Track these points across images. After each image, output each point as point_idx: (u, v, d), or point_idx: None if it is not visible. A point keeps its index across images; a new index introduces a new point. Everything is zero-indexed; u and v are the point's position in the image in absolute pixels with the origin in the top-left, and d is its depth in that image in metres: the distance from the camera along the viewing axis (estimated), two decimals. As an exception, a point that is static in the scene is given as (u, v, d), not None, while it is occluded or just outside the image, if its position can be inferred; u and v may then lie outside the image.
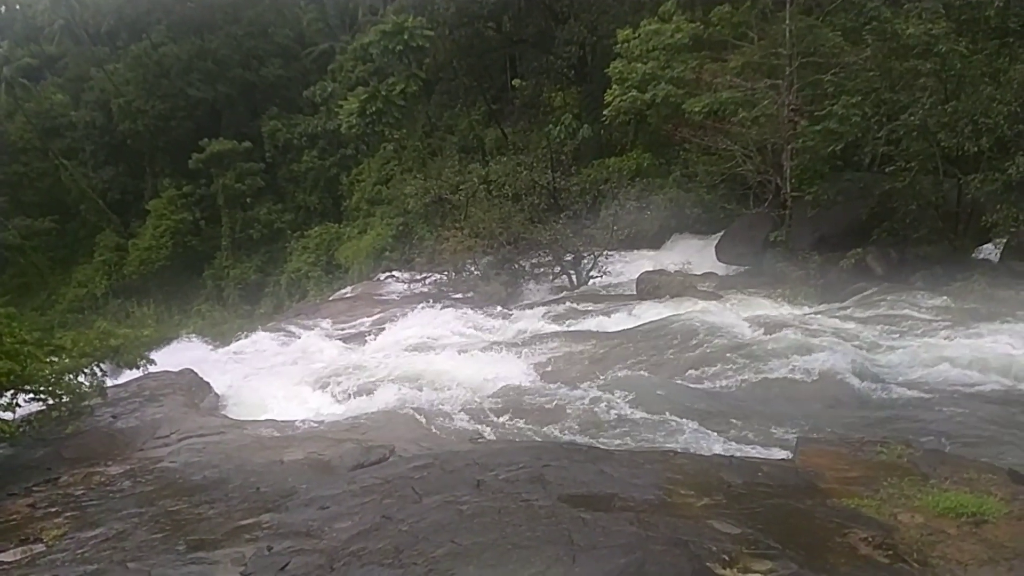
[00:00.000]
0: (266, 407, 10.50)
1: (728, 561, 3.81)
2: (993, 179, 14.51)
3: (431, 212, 29.09)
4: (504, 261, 21.34)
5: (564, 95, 33.26)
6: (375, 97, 33.60)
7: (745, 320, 12.95)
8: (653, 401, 8.96)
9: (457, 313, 17.22)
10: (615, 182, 24.60)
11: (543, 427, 8.53)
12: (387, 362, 12.83)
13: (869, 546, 4.14)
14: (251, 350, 16.54)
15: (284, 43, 48.45)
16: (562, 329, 14.97)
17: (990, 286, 13.84)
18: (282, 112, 45.46)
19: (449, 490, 5.00)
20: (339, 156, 42.60)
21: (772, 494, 4.99)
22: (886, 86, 16.38)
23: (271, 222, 42.86)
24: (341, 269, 35.60)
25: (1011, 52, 15.65)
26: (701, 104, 21.62)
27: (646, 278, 18.32)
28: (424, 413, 9.09)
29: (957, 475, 5.27)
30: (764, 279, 18.08)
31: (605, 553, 3.88)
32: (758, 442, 7.49)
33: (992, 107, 14.64)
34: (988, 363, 9.65)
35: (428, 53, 34.65)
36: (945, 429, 7.49)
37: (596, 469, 5.43)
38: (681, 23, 25.16)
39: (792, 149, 18.15)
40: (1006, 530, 4.40)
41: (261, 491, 5.95)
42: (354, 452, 6.90)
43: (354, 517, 4.76)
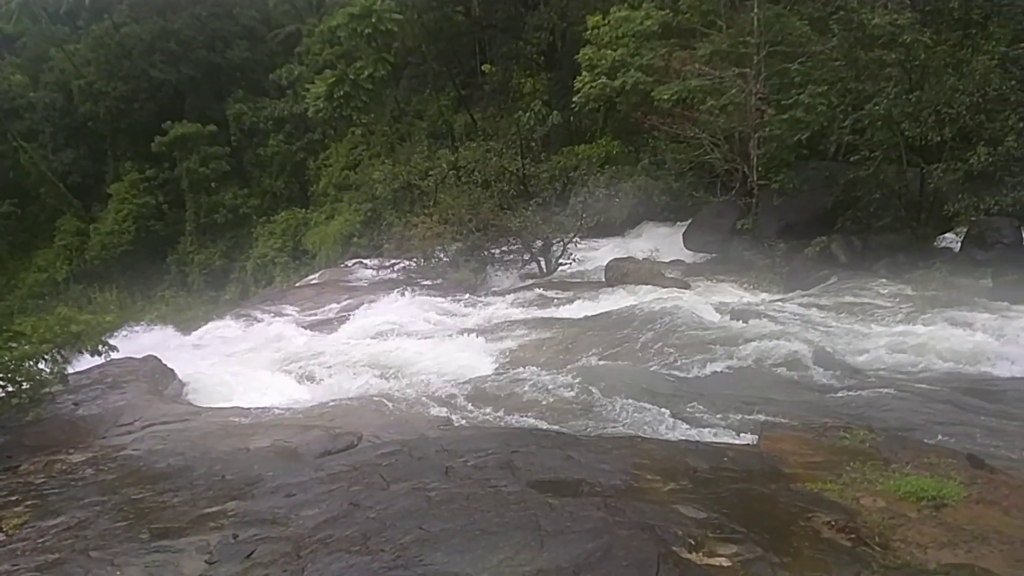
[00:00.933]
0: (232, 394, 10.38)
1: (694, 545, 3.86)
2: (955, 169, 14.79)
3: (400, 198, 28.87)
4: (473, 248, 21.26)
5: (534, 81, 33.17)
6: (343, 81, 33.20)
7: (712, 307, 13.08)
8: (621, 387, 9.02)
9: (426, 300, 17.15)
10: (584, 169, 24.63)
11: (512, 413, 8.54)
12: (355, 349, 12.76)
13: (832, 530, 4.21)
14: (216, 336, 16.34)
15: (250, 24, 47.62)
16: (531, 316, 14.99)
17: (951, 274, 14.14)
18: (248, 95, 44.70)
19: (417, 476, 4.99)
20: (306, 140, 42.07)
21: (737, 479, 5.06)
22: (852, 76, 16.59)
23: (236, 207, 42.22)
24: (308, 255, 35.25)
25: (973, 43, 15.94)
26: (670, 92, 21.70)
27: (615, 265, 18.41)
28: (392, 400, 9.05)
29: (918, 460, 5.37)
30: (731, 266, 18.27)
31: (573, 538, 3.91)
32: (724, 427, 7.58)
33: (955, 97, 14.91)
34: (948, 350, 9.87)
35: (397, 37, 34.27)
36: (906, 414, 7.64)
37: (564, 455, 5.45)
38: (650, 10, 25.19)
39: (759, 138, 18.32)
40: (965, 513, 4.50)
41: (226, 479, 5.89)
42: (321, 439, 6.86)
43: (321, 504, 4.74)
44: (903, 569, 3.81)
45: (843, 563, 3.81)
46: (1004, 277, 13.68)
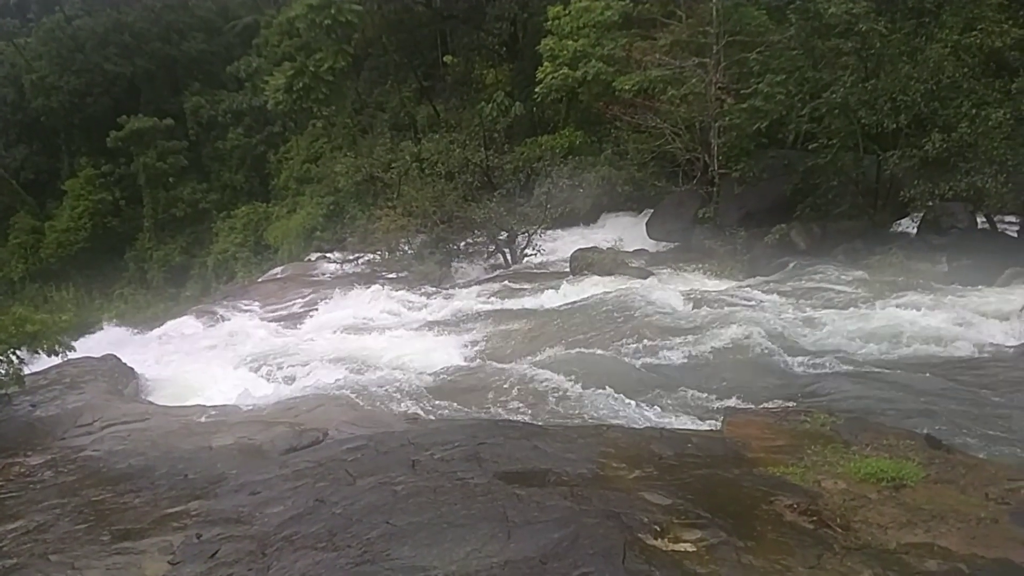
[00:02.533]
0: (194, 392, 10.25)
1: (659, 532, 3.89)
2: (911, 155, 15.06)
3: (362, 191, 28.68)
4: (438, 240, 21.20)
5: (496, 72, 33.08)
6: (302, 73, 32.77)
7: (675, 295, 13.20)
8: (587, 376, 9.06)
9: (391, 293, 17.07)
10: (548, 160, 24.65)
11: (479, 405, 8.56)
12: (320, 344, 12.67)
13: (794, 512, 4.27)
14: (177, 334, 16.12)
15: (206, 16, 46.84)
16: (497, 307, 15.00)
17: (908, 259, 14.43)
18: (205, 88, 44.00)
19: (384, 471, 4.97)
20: (266, 133, 41.55)
21: (701, 464, 5.12)
22: (809, 65, 16.80)
23: (196, 202, 41.61)
24: (270, 250, 34.88)
25: (927, 32, 16.20)
26: (631, 82, 21.79)
27: (579, 255, 18.48)
28: (358, 394, 9.00)
29: (877, 442, 5.47)
30: (693, 255, 18.45)
31: (539, 528, 3.92)
32: (688, 414, 7.66)
33: (910, 85, 15.16)
34: (905, 333, 10.07)
35: (357, 28, 33.88)
36: (866, 398, 7.78)
37: (531, 445, 5.46)
38: (611, 0, 25.24)
39: (719, 127, 18.48)
40: (923, 493, 4.59)
41: (189, 478, 5.81)
42: (286, 435, 6.80)
43: (286, 501, 4.70)
44: (864, 550, 3.87)
45: (805, 545, 3.86)
46: (959, 261, 14.00)
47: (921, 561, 3.76)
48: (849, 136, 16.46)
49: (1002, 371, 8.78)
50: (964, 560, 3.75)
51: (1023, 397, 7.83)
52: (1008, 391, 8.06)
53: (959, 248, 14.41)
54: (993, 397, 7.85)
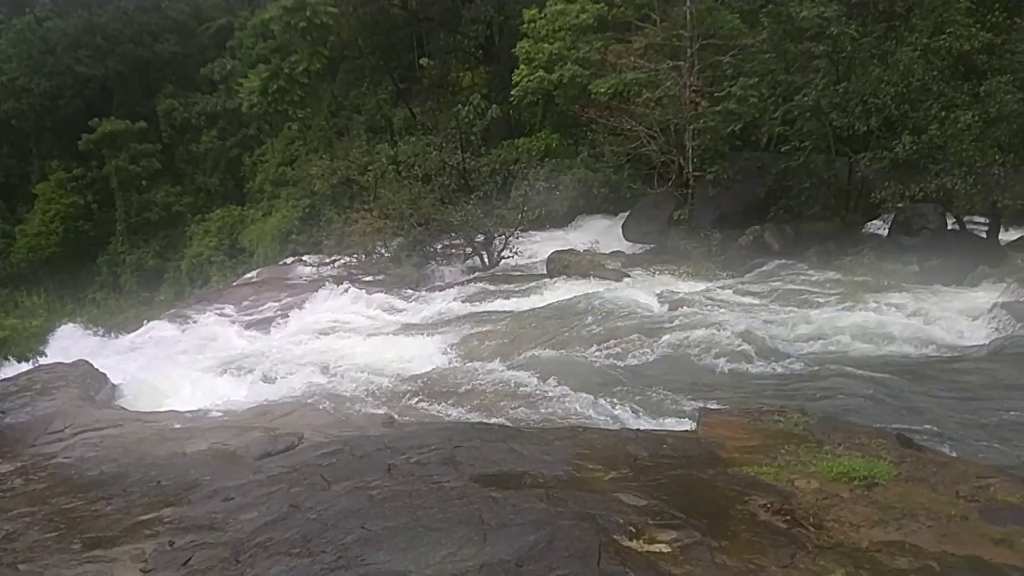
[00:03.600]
0: (168, 398, 10.13)
1: (634, 533, 3.91)
2: (881, 157, 15.27)
3: (339, 193, 28.53)
4: (415, 243, 21.14)
5: (472, 75, 33.07)
6: (277, 75, 32.57)
7: (651, 296, 13.29)
8: (564, 378, 9.09)
9: (367, 296, 16.99)
10: (525, 163, 24.68)
11: (456, 408, 8.55)
12: (295, 348, 12.59)
13: (768, 512, 4.30)
14: (151, 339, 15.92)
15: (179, 18, 46.39)
16: (474, 310, 15.00)
17: (878, 259, 14.64)
18: (178, 90, 43.54)
19: (359, 475, 4.94)
20: (241, 136, 41.20)
21: (676, 465, 5.14)
22: (781, 68, 16.99)
23: (169, 205, 41.15)
24: (245, 253, 34.57)
25: (897, 35, 16.44)
26: (606, 85, 21.90)
27: (556, 258, 18.54)
28: (335, 398, 8.97)
29: (849, 441, 5.52)
30: (669, 256, 18.58)
31: (515, 531, 3.92)
32: (664, 414, 7.71)
33: (880, 88, 15.38)
34: (876, 332, 10.22)
35: (332, 31, 33.73)
36: (838, 397, 7.88)
37: (507, 448, 5.47)
38: (586, 4, 25.36)
39: (694, 129, 18.63)
40: (895, 492, 4.63)
41: (162, 484, 5.74)
42: (261, 441, 6.74)
43: (260, 507, 4.66)
44: (836, 548, 3.90)
45: (779, 545, 3.89)
46: (929, 261, 14.22)
47: (893, 559, 3.79)
48: (821, 138, 16.67)
49: (972, 370, 8.93)
50: (935, 558, 3.79)
51: (992, 395, 7.97)
52: (978, 390, 8.20)
53: (929, 248, 14.64)
54: (963, 396, 7.98)
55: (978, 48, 15.51)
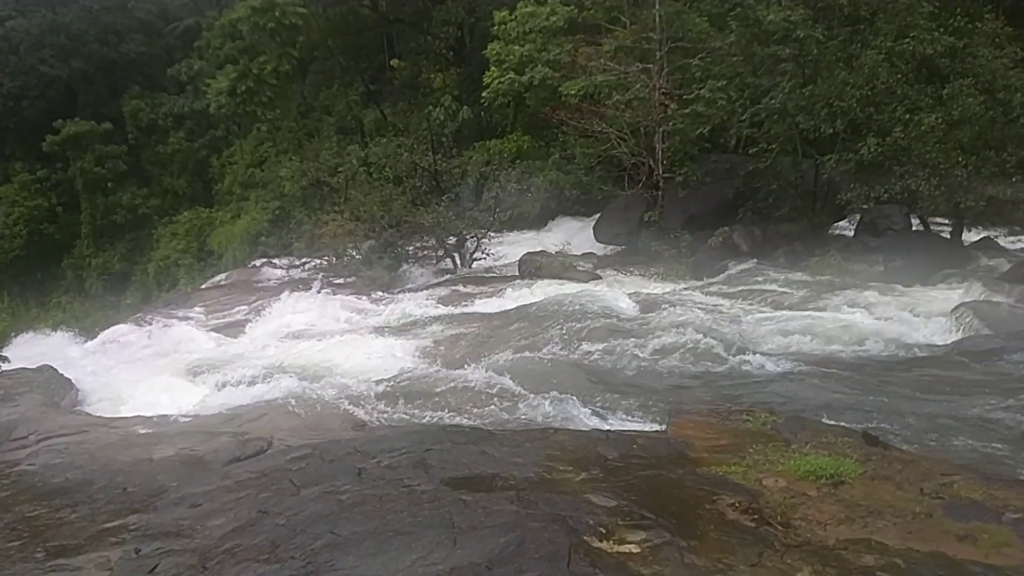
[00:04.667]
0: (134, 403, 9.97)
1: (604, 534, 3.92)
2: (847, 159, 15.48)
3: (309, 195, 28.36)
4: (386, 245, 21.04)
5: (444, 76, 33.03)
6: (246, 76, 32.30)
7: (621, 297, 13.36)
8: (536, 380, 9.10)
9: (338, 299, 16.86)
10: (496, 164, 24.71)
11: (427, 411, 8.51)
12: (265, 351, 12.46)
13: (736, 511, 4.33)
14: (117, 343, 15.64)
15: (145, 18, 45.87)
16: (446, 312, 14.95)
17: (845, 260, 14.84)
18: (145, 91, 43.09)
19: (329, 480, 4.91)
20: (209, 137, 40.83)
21: (646, 465, 5.17)
22: (749, 70, 17.17)
23: (136, 207, 40.67)
24: (214, 256, 34.25)
25: (862, 39, 16.68)
26: (577, 87, 22.00)
27: (528, 259, 18.56)
28: (305, 402, 8.87)
29: (816, 439, 5.58)
30: (639, 258, 18.70)
31: (486, 533, 3.92)
32: (634, 415, 7.75)
33: (846, 91, 15.59)
34: (842, 332, 10.36)
35: (301, 31, 33.52)
36: (806, 396, 7.97)
37: (478, 450, 5.46)
38: (556, 6, 25.44)
39: (663, 132, 18.77)
40: (861, 489, 4.68)
41: (128, 491, 5.66)
42: (229, 446, 6.66)
43: (228, 513, 4.61)
44: (803, 547, 3.94)
45: (747, 544, 3.92)
46: (894, 261, 14.45)
47: (859, 557, 3.83)
48: (788, 141, 16.86)
49: (936, 368, 9.08)
50: (900, 555, 3.83)
51: (956, 394, 8.10)
52: (942, 388, 8.33)
53: (894, 249, 14.88)
54: (927, 394, 8.11)
55: (941, 52, 15.78)
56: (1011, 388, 8.12)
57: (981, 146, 15.15)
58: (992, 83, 15.44)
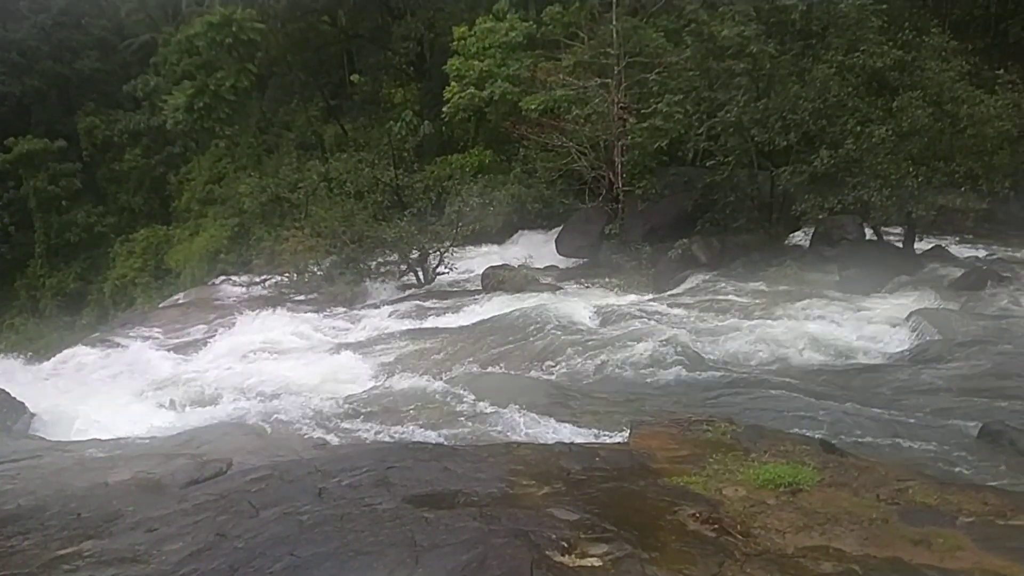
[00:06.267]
0: (90, 426, 9.75)
1: (567, 548, 3.92)
2: (801, 171, 15.76)
3: (269, 212, 28.10)
4: (348, 260, 20.93)
5: (404, 91, 33.05)
6: (203, 92, 31.97)
7: (583, 310, 13.43)
8: (499, 394, 9.08)
9: (300, 316, 16.74)
10: (458, 179, 24.77)
11: (390, 428, 8.45)
12: (225, 371, 12.29)
13: (697, 521, 4.35)
14: (72, 365, 15.34)
15: (100, 34, 45.17)
16: (409, 327, 14.91)
17: (801, 270, 15.09)
18: (100, 107, 42.37)
19: (288, 501, 4.84)
20: (166, 154, 40.25)
21: (608, 478, 5.18)
22: (705, 85, 17.45)
23: (91, 226, 39.90)
24: (172, 274, 33.73)
25: (814, 53, 17.04)
26: (537, 102, 22.17)
27: (491, 273, 18.60)
28: (265, 422, 8.76)
29: (775, 448, 5.63)
30: (601, 270, 18.83)
31: (448, 551, 3.90)
32: (597, 427, 7.76)
33: (798, 104, 15.90)
34: (799, 340, 10.53)
35: (260, 47, 33.32)
36: (764, 405, 8.06)
37: (441, 467, 5.43)
38: (515, 22, 25.65)
39: (622, 145, 19.00)
40: (819, 497, 4.73)
41: (82, 517, 5.52)
42: (187, 468, 6.54)
43: (185, 538, 4.52)
44: (763, 555, 3.96)
45: (707, 554, 3.94)
46: (849, 271, 14.72)
47: (817, 564, 3.86)
48: (744, 153, 17.14)
49: (890, 375, 9.26)
50: (858, 561, 3.87)
51: (910, 400, 8.27)
52: (897, 395, 8.50)
53: (849, 258, 15.16)
54: (883, 400, 8.26)
55: (890, 65, 16.17)
56: (963, 393, 8.33)
57: (930, 157, 15.53)
58: (940, 95, 15.84)
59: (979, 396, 8.18)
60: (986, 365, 9.12)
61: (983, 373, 8.91)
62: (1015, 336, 10.00)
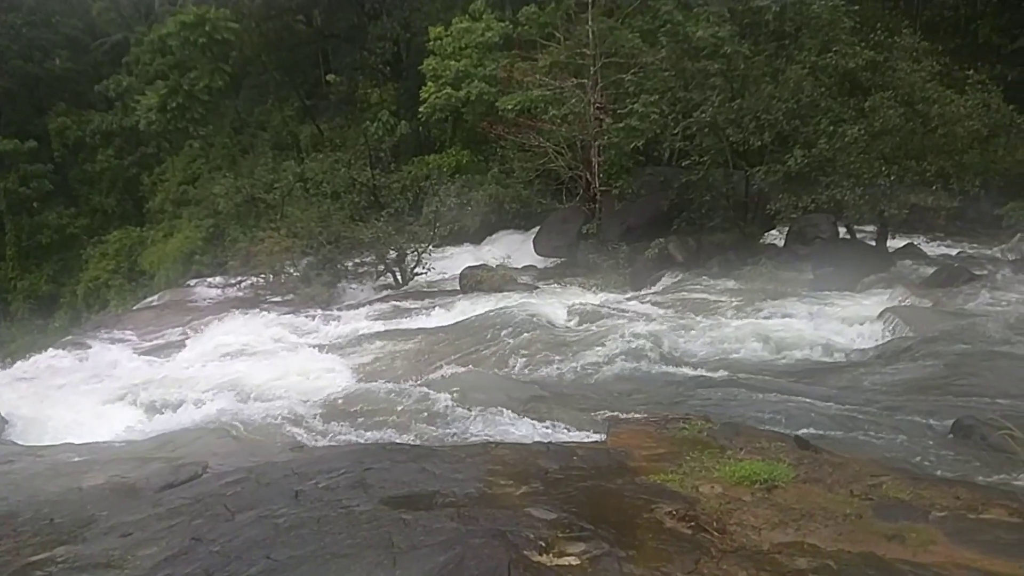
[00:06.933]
0: (63, 430, 9.61)
1: (544, 547, 3.92)
2: (775, 171, 15.90)
3: (244, 212, 27.88)
4: (325, 261, 20.82)
5: (381, 91, 32.95)
6: (176, 92, 31.71)
7: (561, 310, 13.46)
8: (477, 394, 9.08)
9: (276, 317, 16.62)
10: (435, 179, 24.70)
11: (367, 429, 8.41)
12: (200, 373, 12.18)
13: (674, 519, 4.37)
14: (45, 368, 15.08)
15: (72, 34, 44.53)
16: (386, 328, 14.85)
17: (776, 268, 15.23)
18: (72, 108, 41.80)
19: (265, 504, 4.81)
20: (139, 155, 39.82)
21: (586, 476, 5.19)
22: (680, 85, 17.56)
23: (63, 227, 39.38)
24: (146, 276, 33.38)
25: (787, 53, 17.21)
26: (513, 102, 22.20)
27: (469, 273, 18.59)
28: (241, 424, 8.68)
29: (751, 445, 5.67)
30: (578, 270, 18.89)
31: (425, 552, 3.89)
32: (575, 426, 7.77)
33: (772, 104, 16.04)
34: (775, 339, 10.61)
35: (234, 46, 33.08)
36: (740, 402, 8.12)
37: (418, 468, 5.41)
38: (491, 22, 25.67)
39: (599, 146, 19.07)
40: (793, 493, 4.77)
41: (55, 522, 5.44)
42: (162, 472, 6.47)
43: (160, 542, 4.47)
44: (739, 552, 3.98)
45: (684, 551, 3.96)
46: (823, 269, 14.87)
47: (792, 560, 3.89)
48: (719, 153, 17.26)
49: (863, 372, 9.35)
50: (832, 556, 3.90)
51: (884, 396, 8.35)
52: (870, 391, 8.59)
53: (823, 257, 15.31)
54: (857, 397, 8.34)
55: (862, 66, 16.35)
56: (936, 389, 8.43)
57: (902, 156, 15.73)
58: (911, 95, 16.05)
59: (951, 392, 8.28)
60: (958, 361, 9.23)
61: (955, 369, 9.01)
62: (986, 332, 10.13)
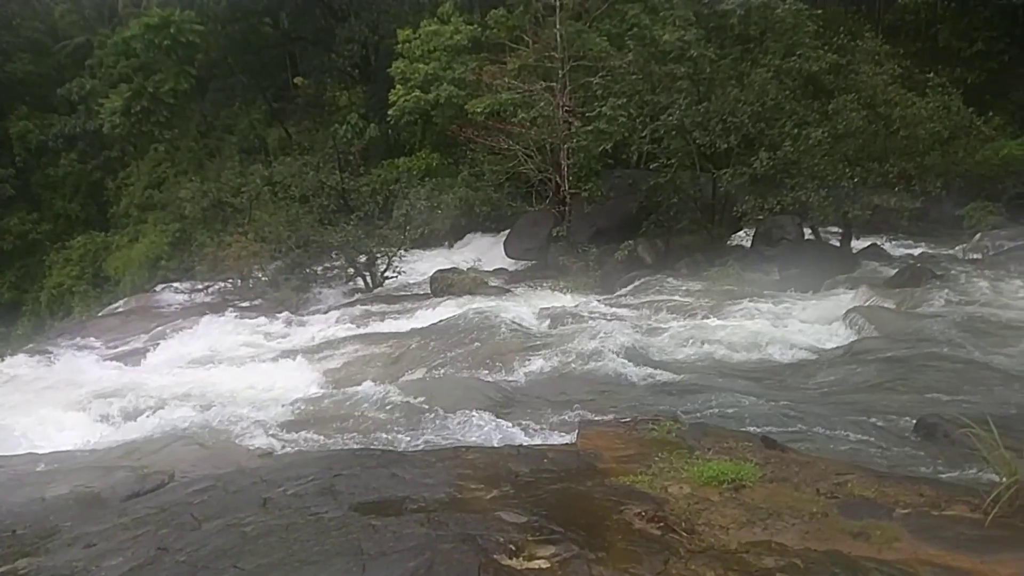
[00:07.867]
0: (26, 439, 9.45)
1: (514, 551, 3.92)
2: (741, 173, 16.07)
3: (211, 216, 27.57)
4: (294, 265, 20.67)
5: (349, 94, 32.79)
6: (141, 95, 31.28)
7: (532, 313, 13.50)
8: (447, 398, 9.06)
9: (244, 322, 16.48)
10: (405, 182, 24.65)
11: (337, 435, 8.36)
12: (167, 380, 12.03)
13: (643, 520, 4.39)
14: (7, 377, 14.85)
15: (33, 36, 43.69)
16: (357, 332, 14.78)
17: (743, 269, 15.40)
18: (33, 111, 41.01)
19: (232, 512, 4.75)
20: (103, 159, 39.18)
21: (556, 479, 5.20)
22: (647, 88, 17.69)
23: (25, 233, 38.63)
24: (111, 282, 32.87)
25: (752, 57, 17.43)
26: (482, 105, 22.22)
27: (439, 276, 18.56)
28: (209, 432, 8.58)
29: (718, 445, 5.71)
30: (549, 272, 18.95)
31: (394, 558, 3.87)
32: (545, 429, 7.80)
33: (738, 107, 16.22)
34: (741, 339, 10.72)
35: (200, 49, 32.71)
36: (708, 402, 8.18)
37: (388, 473, 5.38)
38: (459, 25, 25.66)
39: (568, 148, 19.14)
40: (761, 492, 4.80)
41: (17, 534, 5.34)
42: (128, 481, 6.38)
43: (125, 552, 4.40)
44: (707, 552, 4.01)
45: (653, 552, 3.98)
46: (789, 270, 15.07)
47: (760, 559, 3.92)
48: (686, 156, 17.42)
49: (828, 372, 9.48)
50: (799, 555, 3.93)
51: (848, 395, 8.48)
52: (835, 390, 8.71)
53: (788, 258, 15.51)
54: (822, 396, 8.46)
55: (825, 69, 16.61)
56: (900, 387, 8.57)
57: (865, 158, 15.98)
58: (873, 98, 16.32)
59: (915, 390, 8.41)
60: (921, 360, 9.39)
61: (918, 368, 9.16)
62: (948, 331, 10.33)
